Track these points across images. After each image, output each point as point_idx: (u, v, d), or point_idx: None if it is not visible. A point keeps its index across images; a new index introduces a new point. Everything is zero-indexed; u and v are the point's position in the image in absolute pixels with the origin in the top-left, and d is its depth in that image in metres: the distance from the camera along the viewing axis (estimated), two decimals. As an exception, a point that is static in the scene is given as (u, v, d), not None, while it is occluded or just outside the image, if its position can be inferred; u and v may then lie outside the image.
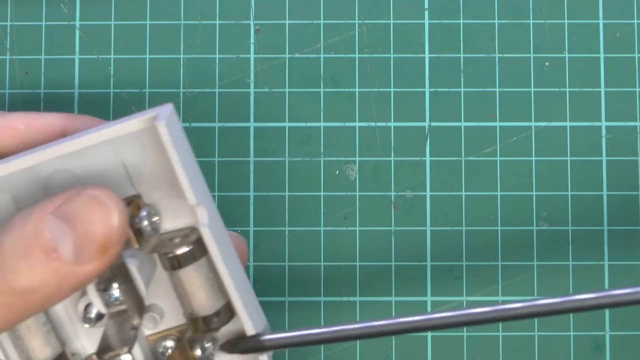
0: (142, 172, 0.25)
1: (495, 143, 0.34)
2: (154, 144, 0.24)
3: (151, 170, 0.24)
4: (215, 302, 0.24)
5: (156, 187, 0.25)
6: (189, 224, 0.25)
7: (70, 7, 0.34)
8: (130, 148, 0.24)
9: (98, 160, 0.24)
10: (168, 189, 0.25)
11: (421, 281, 0.33)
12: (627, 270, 0.33)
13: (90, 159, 0.24)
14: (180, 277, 0.24)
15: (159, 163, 0.24)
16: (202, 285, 0.24)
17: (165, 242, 0.24)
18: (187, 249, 0.24)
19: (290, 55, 0.34)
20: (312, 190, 0.33)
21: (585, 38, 0.34)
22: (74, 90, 0.33)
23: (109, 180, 0.24)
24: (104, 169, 0.24)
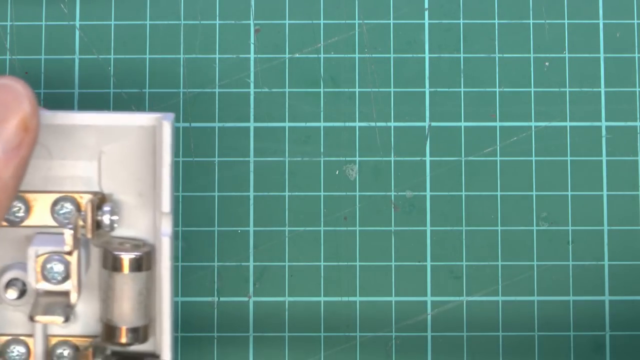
0: (115, 171, 0.25)
1: (495, 143, 0.34)
2: (140, 146, 0.24)
3: (124, 173, 0.25)
4: (138, 319, 0.24)
5: (123, 190, 0.25)
6: (142, 236, 0.25)
7: (70, 7, 0.34)
8: (114, 144, 0.24)
9: (76, 143, 0.24)
10: (135, 196, 0.25)
11: (421, 281, 0.33)
12: (627, 270, 0.33)
13: (69, 139, 0.24)
14: (116, 280, 0.24)
15: (136, 167, 0.24)
16: (133, 297, 0.24)
17: (115, 242, 0.24)
18: (135, 255, 0.24)
19: (290, 55, 0.34)
20: (312, 190, 0.33)
21: (585, 38, 0.34)
22: (74, 90, 0.33)
23: (79, 166, 0.24)
24: (78, 154, 0.24)
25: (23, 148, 0.20)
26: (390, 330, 0.33)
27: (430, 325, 0.33)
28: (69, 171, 0.25)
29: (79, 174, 0.24)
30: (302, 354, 0.33)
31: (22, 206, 0.24)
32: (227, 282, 0.33)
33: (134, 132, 0.24)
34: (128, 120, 0.24)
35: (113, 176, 0.25)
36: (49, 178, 0.24)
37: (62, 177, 0.25)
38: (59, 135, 0.24)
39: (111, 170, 0.25)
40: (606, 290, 0.33)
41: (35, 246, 0.23)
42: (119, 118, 0.24)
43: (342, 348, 0.33)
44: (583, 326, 0.33)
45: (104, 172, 0.25)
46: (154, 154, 0.24)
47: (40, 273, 0.23)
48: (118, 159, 0.24)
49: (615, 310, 0.33)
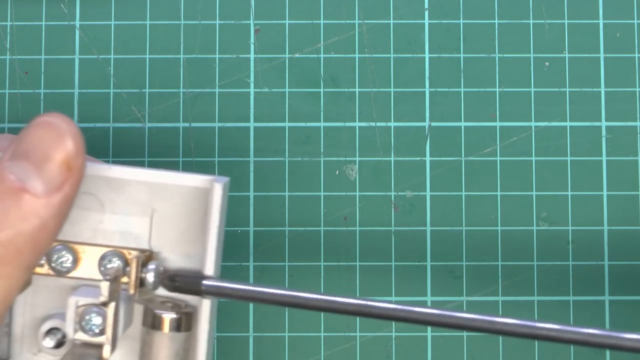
0: (165, 229, 0.25)
1: (495, 143, 0.34)
2: (192, 206, 0.24)
3: (174, 232, 0.25)
4: None
5: (171, 249, 0.25)
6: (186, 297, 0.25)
7: (70, 7, 0.34)
8: (166, 202, 0.24)
9: (130, 197, 0.24)
10: (182, 256, 0.25)
11: (421, 281, 0.33)
12: (627, 271, 0.33)
13: (123, 193, 0.24)
14: (154, 339, 0.24)
15: (187, 227, 0.24)
16: (170, 357, 0.24)
17: (157, 300, 0.24)
18: (176, 316, 0.24)
19: (290, 55, 0.34)
20: (312, 190, 0.33)
21: (585, 38, 0.34)
22: (74, 90, 0.33)
23: (130, 222, 0.24)
24: (130, 209, 0.24)
25: (66, 188, 0.20)
26: (390, 330, 0.33)
27: (430, 325, 0.33)
28: (119, 225, 0.24)
29: (129, 229, 0.24)
30: (302, 354, 0.33)
31: (70, 257, 0.24)
32: (227, 282, 0.33)
33: (187, 192, 0.24)
34: (182, 180, 0.24)
35: (163, 234, 0.24)
36: (99, 231, 0.24)
37: (112, 231, 0.24)
38: (112, 189, 0.24)
39: (161, 228, 0.24)
40: (606, 290, 0.33)
41: (76, 296, 0.23)
42: (173, 177, 0.24)
43: (342, 348, 0.33)
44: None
45: (154, 229, 0.24)
46: (202, 213, 0.24)
47: (79, 323, 0.23)
48: (169, 217, 0.24)
49: (615, 310, 0.33)
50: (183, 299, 0.25)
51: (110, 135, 0.33)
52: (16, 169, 0.19)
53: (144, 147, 0.33)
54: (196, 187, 0.24)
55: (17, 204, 0.19)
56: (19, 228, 0.19)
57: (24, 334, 0.25)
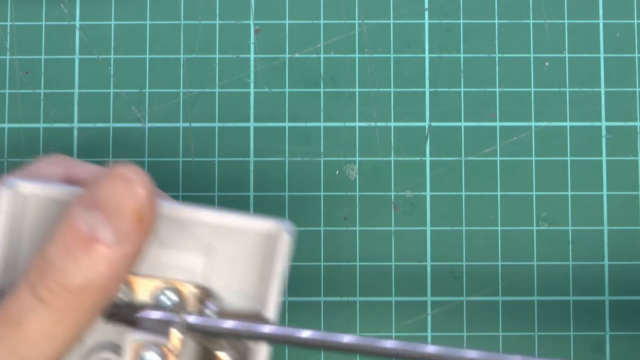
0: (222, 267, 0.24)
1: (495, 143, 0.34)
2: (252, 247, 0.24)
3: (231, 271, 0.24)
4: None
5: (228, 288, 0.24)
6: None
7: (70, 7, 0.34)
8: (227, 241, 0.24)
9: (189, 234, 0.24)
10: (239, 295, 0.24)
11: (421, 281, 0.33)
12: (627, 271, 0.33)
13: (183, 230, 0.24)
14: None
15: (245, 267, 0.24)
16: None
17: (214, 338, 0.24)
18: (233, 357, 0.24)
19: (290, 55, 0.34)
20: (312, 190, 0.33)
21: (585, 38, 0.34)
22: (74, 90, 0.33)
23: (187, 258, 0.24)
24: (189, 245, 0.24)
25: (136, 238, 0.20)
26: (390, 330, 0.33)
27: (430, 325, 0.33)
28: (176, 261, 0.24)
29: (186, 264, 0.24)
30: (302, 354, 0.33)
31: (125, 288, 0.24)
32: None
33: (248, 233, 0.24)
34: (246, 224, 0.24)
35: (219, 272, 0.24)
36: (155, 264, 0.24)
37: (169, 266, 0.24)
38: (174, 225, 0.24)
39: (219, 266, 0.24)
40: (606, 290, 0.33)
41: (134, 333, 0.23)
42: (237, 220, 0.24)
43: (342, 348, 0.33)
44: (583, 326, 0.33)
45: (211, 267, 0.24)
46: (264, 256, 0.24)
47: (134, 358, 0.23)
48: (228, 256, 0.24)
49: (615, 310, 0.33)
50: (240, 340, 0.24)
51: (110, 135, 0.33)
52: (88, 218, 0.20)
53: (144, 147, 0.33)
54: (257, 234, 0.24)
55: (87, 253, 0.20)
56: (88, 277, 0.20)
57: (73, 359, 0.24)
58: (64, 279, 0.19)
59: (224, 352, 0.24)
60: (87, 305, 0.20)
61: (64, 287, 0.20)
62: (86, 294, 0.20)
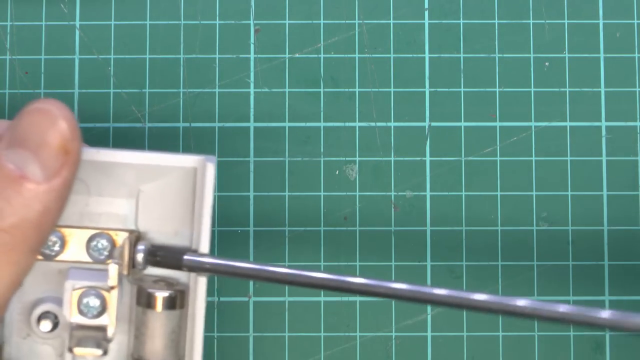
0: (151, 209, 0.25)
1: (495, 143, 0.34)
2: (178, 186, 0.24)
3: (161, 211, 0.25)
4: (169, 356, 0.24)
5: (159, 229, 0.25)
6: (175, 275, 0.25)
7: (70, 7, 0.34)
8: (152, 182, 0.24)
9: (115, 180, 0.24)
10: (170, 234, 0.25)
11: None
12: (627, 271, 0.33)
13: (108, 176, 0.24)
14: (149, 318, 0.24)
15: (173, 206, 0.24)
16: (165, 335, 0.24)
17: (149, 280, 0.24)
18: (169, 293, 0.24)
19: (290, 55, 0.34)
20: (312, 190, 0.33)
21: (585, 38, 0.34)
22: (74, 90, 0.33)
23: (116, 204, 0.24)
24: (116, 191, 0.24)
25: (64, 172, 0.20)
26: (390, 330, 0.33)
27: (430, 325, 0.33)
28: (105, 208, 0.24)
29: (116, 211, 0.24)
30: (302, 354, 0.33)
31: (58, 240, 0.24)
32: (227, 282, 0.33)
33: (174, 172, 0.24)
34: (170, 161, 0.24)
35: (150, 214, 0.25)
36: (85, 214, 0.24)
37: (99, 214, 0.25)
38: (98, 172, 0.24)
39: (148, 208, 0.25)
40: (606, 290, 0.33)
41: (73, 280, 0.23)
42: (161, 158, 0.24)
43: (342, 348, 0.33)
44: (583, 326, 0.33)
45: (140, 210, 0.25)
46: (191, 193, 0.24)
47: (77, 307, 0.23)
48: (155, 197, 0.24)
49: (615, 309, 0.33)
50: (174, 277, 0.25)
51: (110, 135, 0.33)
52: (14, 157, 0.20)
53: (144, 147, 0.33)
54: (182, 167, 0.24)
55: (18, 191, 0.19)
56: (22, 215, 0.19)
57: (13, 319, 0.25)
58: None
59: (161, 291, 0.24)
60: (24, 244, 0.20)
61: None
62: (22, 232, 0.20)
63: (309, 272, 0.23)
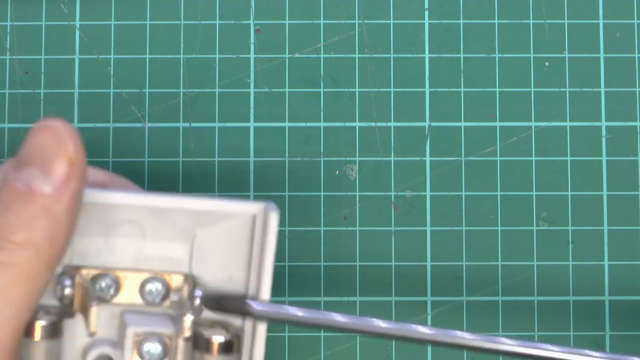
0: (206, 254, 0.24)
1: (495, 143, 0.34)
2: (236, 231, 0.24)
3: (216, 257, 0.24)
4: None
5: (213, 273, 0.25)
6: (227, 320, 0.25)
7: (70, 7, 0.34)
8: (209, 227, 0.24)
9: (172, 224, 0.24)
10: (225, 280, 0.24)
11: (421, 281, 0.33)
12: (627, 270, 0.33)
13: (164, 220, 0.24)
14: None
15: (229, 253, 0.24)
16: None
17: (206, 324, 0.24)
18: (225, 338, 0.24)
19: (290, 55, 0.34)
20: (312, 190, 0.33)
21: (585, 38, 0.34)
22: (74, 90, 0.33)
23: (171, 247, 0.24)
24: (172, 235, 0.24)
25: (72, 183, 0.21)
26: (390, 330, 0.33)
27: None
28: (160, 252, 0.24)
29: (170, 254, 0.24)
30: (302, 354, 0.33)
31: (113, 284, 0.24)
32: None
33: (232, 218, 0.24)
34: (230, 208, 0.24)
35: (204, 258, 0.24)
36: (139, 257, 0.24)
37: (153, 257, 0.24)
38: (154, 216, 0.24)
39: (203, 252, 0.24)
40: (606, 290, 0.33)
41: (134, 326, 0.23)
42: (220, 205, 0.24)
43: (342, 348, 0.33)
44: (583, 326, 0.33)
45: (195, 254, 0.24)
46: (249, 239, 0.24)
47: (137, 353, 0.23)
48: (211, 242, 0.24)
49: (615, 310, 0.33)
50: (228, 321, 0.25)
51: (110, 135, 0.33)
52: (22, 175, 0.20)
53: (144, 147, 0.33)
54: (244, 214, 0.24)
55: (27, 205, 0.20)
56: (32, 227, 0.20)
57: None
58: (11, 234, 0.20)
59: (218, 336, 0.24)
60: (38, 258, 0.20)
61: (11, 241, 0.20)
62: (35, 245, 0.20)
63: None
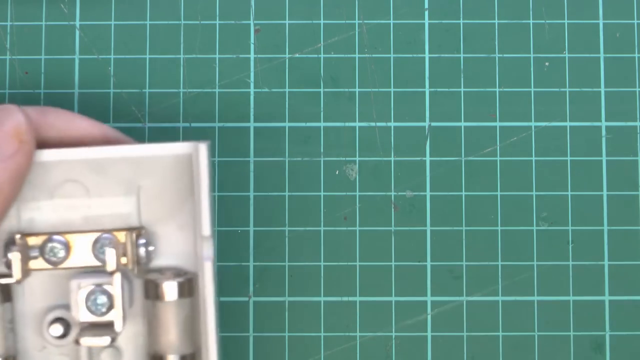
0: (153, 203, 0.25)
1: (495, 143, 0.34)
2: (176, 176, 0.24)
3: (162, 204, 0.25)
4: (185, 346, 0.24)
5: (162, 221, 0.25)
6: (182, 265, 0.25)
7: (70, 7, 0.34)
8: (151, 176, 0.24)
9: (114, 178, 0.24)
10: (173, 225, 0.25)
11: (421, 281, 0.33)
12: (627, 270, 0.33)
13: (107, 175, 0.24)
14: (160, 309, 0.24)
15: (174, 197, 0.25)
16: (178, 325, 0.24)
17: (156, 272, 0.24)
18: (176, 282, 0.24)
19: (290, 55, 0.34)
20: (312, 190, 0.33)
21: (585, 38, 0.34)
22: (74, 90, 0.33)
23: (117, 202, 0.24)
24: (116, 190, 0.24)
25: (18, 156, 0.22)
26: (390, 330, 0.33)
27: (430, 325, 0.33)
28: (107, 209, 0.25)
29: (119, 210, 0.25)
30: (302, 354, 0.33)
31: (63, 247, 0.24)
32: (227, 282, 0.33)
33: (170, 163, 0.24)
34: (163, 150, 0.24)
35: (152, 208, 0.25)
36: (90, 217, 0.24)
37: (102, 215, 0.25)
38: (95, 172, 0.24)
39: (150, 202, 0.25)
40: (606, 290, 0.33)
41: (78, 279, 0.23)
42: (154, 149, 0.24)
43: (342, 348, 0.33)
44: (583, 326, 0.33)
45: (143, 206, 0.25)
46: (190, 183, 0.24)
47: (84, 305, 0.23)
48: (156, 191, 0.25)
49: (615, 310, 0.33)
50: (181, 267, 0.25)
51: (110, 135, 0.33)
52: None
53: (144, 147, 0.33)
54: (177, 156, 0.24)
55: None
56: None
57: (27, 331, 0.25)
58: None
59: (169, 281, 0.24)
60: None
61: None
62: None
63: None
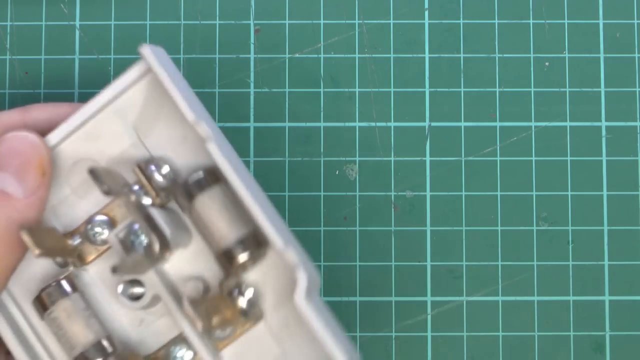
0: (151, 130, 0.25)
1: (495, 143, 0.34)
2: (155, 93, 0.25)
3: (157, 124, 0.25)
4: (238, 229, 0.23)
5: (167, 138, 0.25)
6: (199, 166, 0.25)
7: (70, 7, 0.34)
8: (135, 110, 0.25)
9: (111, 137, 0.25)
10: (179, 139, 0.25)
11: (421, 281, 0.33)
12: (627, 270, 0.33)
13: (103, 139, 0.25)
14: (198, 209, 0.23)
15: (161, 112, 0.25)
16: (220, 212, 0.23)
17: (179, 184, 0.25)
18: (197, 176, 0.24)
19: (290, 55, 0.34)
20: (312, 190, 0.33)
21: (585, 38, 0.34)
22: (74, 90, 0.33)
23: (127, 154, 0.25)
24: (120, 146, 0.25)
25: (41, 190, 0.24)
26: (390, 330, 0.33)
27: (430, 325, 0.33)
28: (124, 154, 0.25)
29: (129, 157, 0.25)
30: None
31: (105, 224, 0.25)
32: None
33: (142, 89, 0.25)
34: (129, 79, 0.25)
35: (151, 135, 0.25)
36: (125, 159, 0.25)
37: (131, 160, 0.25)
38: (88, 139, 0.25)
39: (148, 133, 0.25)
40: (606, 290, 0.33)
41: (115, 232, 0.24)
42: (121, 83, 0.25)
43: (342, 348, 0.33)
44: (583, 326, 0.33)
45: (144, 140, 0.25)
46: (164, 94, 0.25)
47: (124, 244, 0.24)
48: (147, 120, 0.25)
49: (615, 310, 0.33)
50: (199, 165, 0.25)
51: (110, 135, 0.33)
52: None
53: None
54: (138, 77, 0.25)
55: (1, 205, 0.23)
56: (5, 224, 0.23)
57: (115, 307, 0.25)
58: None
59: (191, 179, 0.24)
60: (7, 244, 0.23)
61: None
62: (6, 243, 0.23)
63: None
